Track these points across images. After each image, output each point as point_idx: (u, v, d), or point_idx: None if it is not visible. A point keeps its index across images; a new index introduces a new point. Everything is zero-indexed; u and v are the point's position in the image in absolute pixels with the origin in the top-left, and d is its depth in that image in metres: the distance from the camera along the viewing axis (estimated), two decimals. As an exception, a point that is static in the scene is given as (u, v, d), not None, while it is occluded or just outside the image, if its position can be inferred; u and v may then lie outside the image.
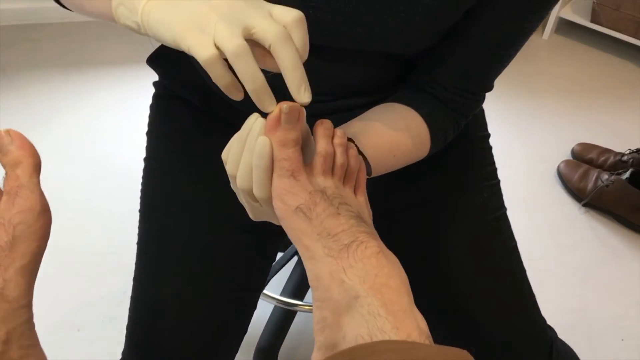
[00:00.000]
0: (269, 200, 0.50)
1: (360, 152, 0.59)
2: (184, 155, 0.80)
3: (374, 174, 0.64)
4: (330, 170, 0.52)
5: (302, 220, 0.47)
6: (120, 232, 1.49)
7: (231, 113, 0.73)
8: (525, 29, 0.65)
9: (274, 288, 1.22)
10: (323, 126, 0.53)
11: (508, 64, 0.70)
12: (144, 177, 0.82)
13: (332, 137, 0.53)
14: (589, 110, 2.01)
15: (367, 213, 0.54)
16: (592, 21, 2.19)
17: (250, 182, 0.50)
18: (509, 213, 0.82)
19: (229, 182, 0.54)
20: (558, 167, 1.76)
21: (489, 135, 0.88)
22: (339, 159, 0.52)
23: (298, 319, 1.24)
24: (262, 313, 1.15)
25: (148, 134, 0.85)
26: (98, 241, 1.48)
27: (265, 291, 1.14)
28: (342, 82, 0.72)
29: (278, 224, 0.53)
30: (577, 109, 2.02)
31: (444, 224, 0.78)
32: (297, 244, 0.48)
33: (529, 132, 1.92)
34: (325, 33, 0.64)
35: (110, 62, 2.02)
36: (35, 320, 0.46)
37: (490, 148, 0.87)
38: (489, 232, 0.78)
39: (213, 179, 0.75)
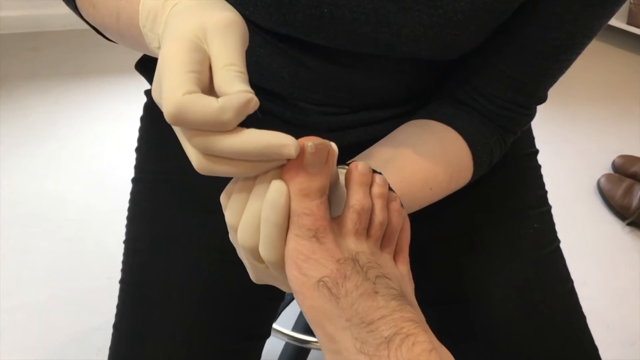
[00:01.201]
0: (279, 264, 0.39)
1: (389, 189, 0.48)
2: (174, 175, 0.69)
3: (407, 212, 0.52)
4: (365, 230, 0.42)
5: (326, 298, 0.37)
6: (119, 255, 1.38)
7: None
8: (593, 28, 0.54)
9: (285, 322, 1.12)
10: (359, 171, 0.42)
11: (566, 70, 0.59)
12: (130, 202, 0.71)
13: (370, 186, 0.43)
14: (629, 119, 1.92)
15: (410, 288, 0.43)
16: (629, 23, 2.12)
17: (256, 239, 0.39)
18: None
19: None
20: (598, 181, 1.66)
21: (537, 152, 0.76)
22: (379, 215, 0.42)
23: (312, 356, 1.14)
24: (272, 350, 1.07)
25: (136, 150, 0.75)
26: (95, 265, 1.41)
27: (275, 325, 1.03)
28: (363, 92, 0.62)
29: (288, 291, 0.42)
30: (616, 117, 1.92)
31: (484, 262, 0.65)
32: (316, 330, 0.38)
33: (565, 143, 1.84)
34: (344, 35, 0.54)
35: (111, 71, 1.97)
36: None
37: (539, 167, 0.75)
38: (540, 271, 0.65)
39: (208, 204, 0.63)
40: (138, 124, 0.76)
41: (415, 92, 0.65)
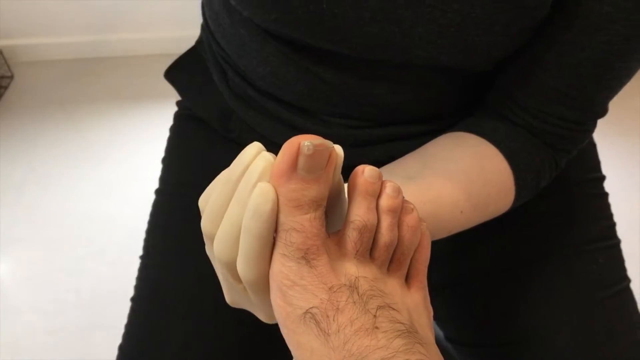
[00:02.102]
0: (258, 286, 0.33)
1: None
2: (196, 188, 0.64)
3: (433, 238, 0.44)
4: (368, 250, 0.34)
5: (314, 334, 0.30)
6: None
7: (253, 138, 0.60)
8: None
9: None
10: (365, 177, 0.34)
11: (629, 79, 0.49)
12: (150, 214, 0.67)
13: (379, 196, 0.35)
14: None
15: (425, 320, 0.35)
16: None
17: (234, 252, 0.33)
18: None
19: None
20: None
21: (603, 178, 0.66)
22: (385, 235, 0.34)
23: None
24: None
25: (162, 161, 0.71)
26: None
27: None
28: (389, 107, 0.55)
29: (267, 322, 0.35)
30: None
31: (538, 302, 0.57)
32: None
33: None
34: (350, 37, 0.47)
35: (167, 96, 1.94)
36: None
37: (605, 195, 0.65)
38: (606, 314, 0.56)
39: None
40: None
41: (451, 108, 0.58)
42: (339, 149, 0.33)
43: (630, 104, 1.94)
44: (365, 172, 0.34)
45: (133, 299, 0.61)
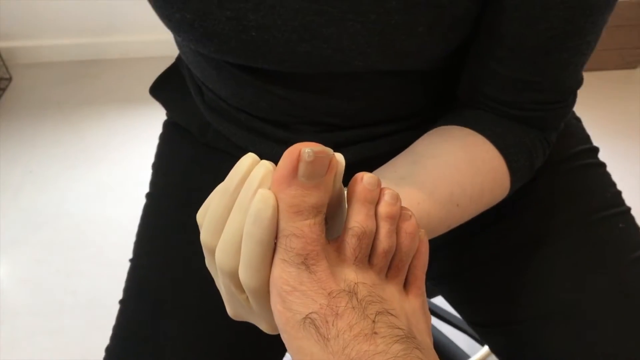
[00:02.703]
0: (260, 293, 0.33)
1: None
2: (182, 192, 0.66)
3: (431, 235, 0.45)
4: (367, 257, 0.34)
5: (314, 339, 0.30)
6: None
7: (229, 147, 0.65)
8: (590, 4, 0.44)
9: None
10: (364, 185, 0.35)
11: (592, 48, 0.49)
12: (140, 217, 0.69)
13: (377, 203, 0.35)
14: None
15: (423, 325, 0.35)
16: None
17: (237, 260, 0.33)
18: None
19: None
20: None
21: (596, 150, 0.66)
22: (383, 242, 0.35)
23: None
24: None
25: (152, 166, 0.73)
26: None
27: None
28: (352, 114, 0.56)
29: (270, 332, 0.36)
30: None
31: (563, 276, 0.56)
32: None
33: (636, 180, 1.68)
34: (287, 58, 0.48)
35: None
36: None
37: (603, 165, 0.65)
38: (636, 278, 0.55)
39: None
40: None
41: (414, 108, 0.58)
42: (339, 157, 0.33)
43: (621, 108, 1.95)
44: (364, 179, 0.34)
45: (121, 301, 0.62)
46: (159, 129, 0.76)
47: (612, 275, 0.55)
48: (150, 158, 0.72)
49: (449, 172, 0.47)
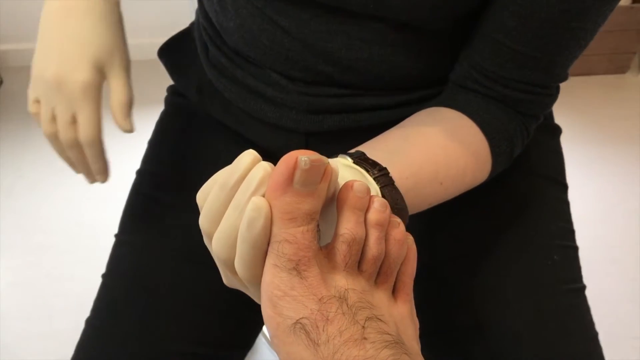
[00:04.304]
0: (254, 282, 0.34)
1: (394, 188, 0.42)
2: (170, 171, 0.70)
3: (413, 211, 0.47)
4: (357, 263, 0.35)
5: (304, 344, 0.31)
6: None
7: (221, 108, 0.68)
8: None
9: None
10: (353, 192, 0.35)
11: (588, 42, 0.52)
12: (129, 193, 0.72)
13: (367, 210, 0.36)
14: None
15: (411, 331, 0.36)
16: None
17: (232, 253, 0.34)
18: (606, 283, 0.60)
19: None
20: None
21: (566, 187, 0.69)
22: (372, 248, 0.35)
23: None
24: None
25: (148, 142, 0.77)
26: None
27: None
28: (344, 66, 0.58)
29: (260, 302, 0.37)
30: None
31: (493, 290, 0.58)
32: None
33: (626, 185, 1.72)
34: None
35: (148, 102, 1.96)
36: None
37: (567, 203, 0.68)
38: (562, 307, 0.57)
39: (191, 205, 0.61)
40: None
41: (407, 79, 0.59)
42: (334, 165, 0.34)
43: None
44: (355, 186, 0.35)
45: (103, 275, 0.64)
46: (148, 133, 0.77)
47: (538, 301, 0.57)
48: (136, 162, 0.74)
49: (437, 152, 0.49)
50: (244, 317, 0.62)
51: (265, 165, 0.33)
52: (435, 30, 0.55)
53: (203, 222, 0.36)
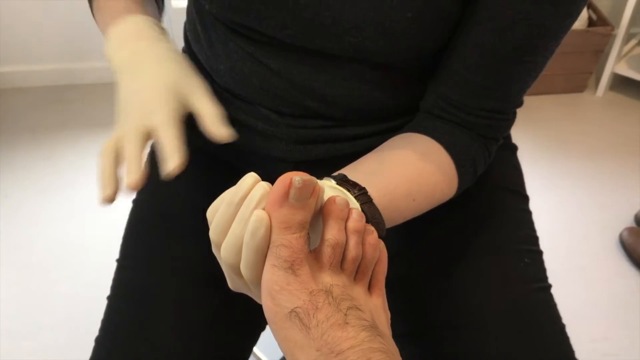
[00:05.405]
0: (257, 282, 0.41)
1: (373, 205, 0.49)
2: (166, 198, 0.74)
3: (390, 224, 0.53)
4: (339, 263, 0.43)
5: (298, 328, 0.38)
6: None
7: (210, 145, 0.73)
8: (546, 27, 0.54)
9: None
10: (336, 205, 0.43)
11: (539, 73, 0.60)
12: (127, 222, 0.76)
13: (347, 220, 0.44)
14: None
15: (384, 319, 0.44)
16: None
17: (238, 258, 0.42)
18: (567, 287, 0.67)
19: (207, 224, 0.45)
20: (620, 235, 1.62)
21: (527, 198, 0.77)
22: (352, 251, 0.43)
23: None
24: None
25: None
26: None
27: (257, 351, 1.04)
28: (323, 99, 0.64)
29: (261, 303, 0.43)
30: (638, 171, 1.88)
31: (470, 293, 0.65)
32: (288, 359, 0.39)
33: (585, 197, 1.80)
34: (288, 21, 0.57)
35: None
36: None
37: (530, 212, 0.75)
38: (534, 303, 0.65)
39: (196, 225, 0.67)
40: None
41: (384, 111, 0.66)
42: (322, 184, 0.41)
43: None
44: (337, 200, 0.43)
45: (109, 297, 0.68)
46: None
47: (512, 299, 0.64)
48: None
49: (409, 172, 0.56)
50: (242, 333, 0.68)
51: (264, 184, 0.41)
52: (407, 67, 0.62)
53: (213, 234, 0.42)
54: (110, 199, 0.48)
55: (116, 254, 0.72)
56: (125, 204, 0.75)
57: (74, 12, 2.02)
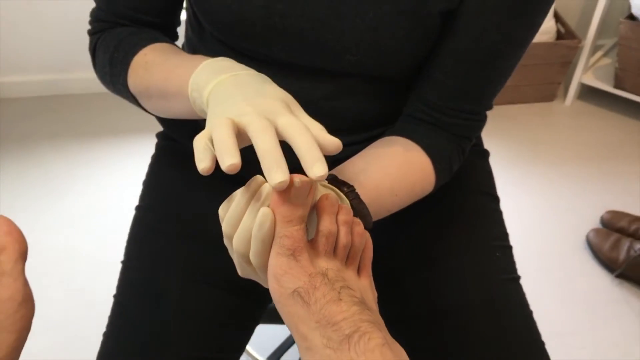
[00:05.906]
0: (264, 268, 0.48)
1: (360, 201, 0.56)
2: (167, 206, 0.79)
3: (376, 217, 0.60)
4: (332, 250, 0.49)
5: (300, 305, 0.44)
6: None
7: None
8: (513, 37, 0.62)
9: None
10: (328, 202, 0.49)
11: (507, 77, 0.68)
12: (130, 227, 0.81)
13: (338, 213, 0.51)
14: (617, 177, 1.95)
15: (371, 297, 0.51)
16: (616, 87, 2.15)
17: (248, 248, 0.48)
18: (537, 285, 0.76)
19: (210, 235, 0.51)
20: (587, 236, 1.69)
21: (498, 199, 0.85)
22: (342, 239, 0.50)
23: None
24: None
25: (143, 183, 0.86)
26: (105, 315, 1.42)
27: (249, 348, 1.06)
28: (325, 112, 0.70)
29: (267, 287, 0.50)
30: (604, 175, 1.95)
31: (453, 282, 0.72)
32: (293, 331, 0.46)
33: (555, 200, 1.87)
34: (295, 44, 0.63)
35: (125, 131, 2.05)
36: None
37: (501, 212, 0.83)
38: (505, 292, 0.72)
39: (190, 231, 0.74)
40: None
41: (371, 120, 0.73)
42: (317, 184, 0.47)
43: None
44: (329, 198, 0.49)
45: (115, 295, 0.74)
46: (121, 161, 0.86)
47: (485, 288, 0.71)
48: (113, 189, 0.83)
49: (391, 171, 0.64)
50: (240, 326, 0.75)
51: (269, 185, 0.47)
52: (397, 79, 0.69)
53: (226, 227, 0.49)
54: (236, 168, 0.44)
55: (107, 260, 0.76)
56: (115, 211, 0.79)
57: (63, 23, 2.04)
